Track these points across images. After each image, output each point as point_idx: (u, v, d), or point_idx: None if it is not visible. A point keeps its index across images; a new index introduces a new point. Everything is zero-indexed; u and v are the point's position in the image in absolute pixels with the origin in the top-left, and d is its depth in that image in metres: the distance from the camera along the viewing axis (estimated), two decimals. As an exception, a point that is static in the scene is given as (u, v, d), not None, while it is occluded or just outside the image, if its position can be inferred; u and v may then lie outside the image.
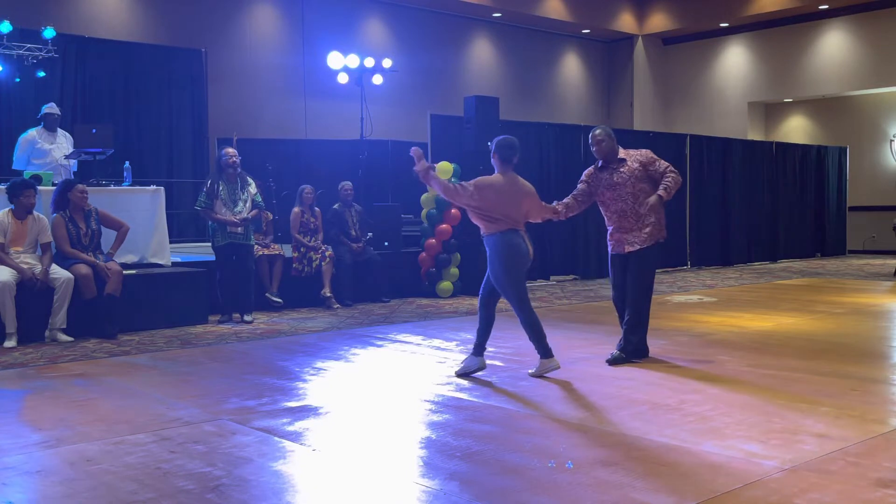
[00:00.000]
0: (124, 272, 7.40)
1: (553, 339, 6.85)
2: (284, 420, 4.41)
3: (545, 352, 5.47)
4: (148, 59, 12.58)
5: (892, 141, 17.42)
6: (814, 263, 15.38)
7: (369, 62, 12.68)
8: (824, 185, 17.04)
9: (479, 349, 5.58)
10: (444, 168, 10.19)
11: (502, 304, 5.61)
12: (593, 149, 5.94)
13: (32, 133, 8.90)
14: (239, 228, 8.06)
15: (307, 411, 4.61)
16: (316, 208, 9.54)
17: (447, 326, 7.78)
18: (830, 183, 17.15)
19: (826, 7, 16.91)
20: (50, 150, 8.84)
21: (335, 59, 12.40)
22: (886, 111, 17.58)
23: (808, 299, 9.66)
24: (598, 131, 5.96)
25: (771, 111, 19.38)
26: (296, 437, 4.11)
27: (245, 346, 6.87)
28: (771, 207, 15.86)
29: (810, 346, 6.51)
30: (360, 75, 12.60)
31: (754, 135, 18.60)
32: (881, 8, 16.57)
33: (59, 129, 9.03)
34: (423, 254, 10.25)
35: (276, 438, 4.08)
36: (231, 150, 8.17)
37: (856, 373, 5.48)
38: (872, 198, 17.58)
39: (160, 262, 8.36)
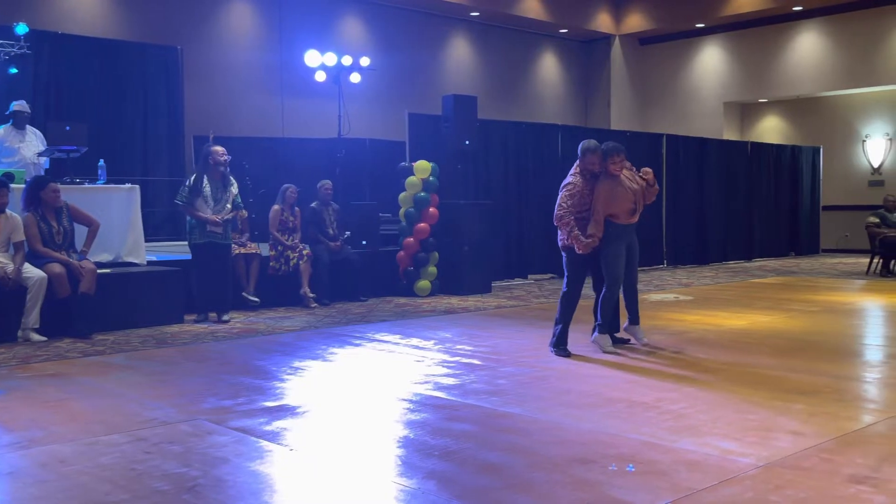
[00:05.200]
0: (99, 271, 7.32)
1: (530, 337, 6.92)
2: (261, 420, 4.38)
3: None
4: (123, 56, 12.43)
5: (864, 141, 17.63)
6: (788, 262, 15.54)
7: (347, 60, 12.66)
8: (798, 184, 17.22)
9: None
10: (422, 167, 10.18)
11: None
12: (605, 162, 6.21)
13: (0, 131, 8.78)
14: (219, 228, 8.01)
15: (284, 411, 4.59)
16: (296, 208, 9.49)
17: (425, 325, 7.77)
18: (804, 182, 17.32)
19: (800, 8, 17.06)
20: (19, 148, 8.70)
21: (312, 57, 12.36)
22: (859, 111, 17.78)
23: (782, 298, 9.76)
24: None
25: (746, 111, 19.54)
26: (273, 436, 4.08)
27: (221, 345, 6.82)
28: (746, 206, 16.00)
29: (785, 345, 6.57)
30: (337, 73, 12.57)
31: (730, 134, 18.75)
32: (854, 9, 16.74)
33: (28, 127, 8.89)
34: (401, 252, 10.23)
35: (253, 438, 4.05)
36: (221, 149, 8.08)
37: (829, 370, 5.54)
38: (846, 197, 17.77)
39: (135, 261, 8.28)
